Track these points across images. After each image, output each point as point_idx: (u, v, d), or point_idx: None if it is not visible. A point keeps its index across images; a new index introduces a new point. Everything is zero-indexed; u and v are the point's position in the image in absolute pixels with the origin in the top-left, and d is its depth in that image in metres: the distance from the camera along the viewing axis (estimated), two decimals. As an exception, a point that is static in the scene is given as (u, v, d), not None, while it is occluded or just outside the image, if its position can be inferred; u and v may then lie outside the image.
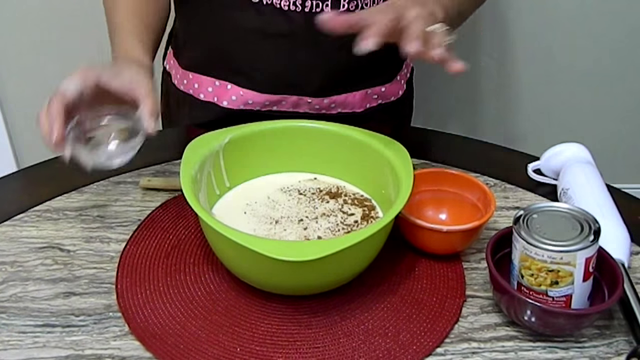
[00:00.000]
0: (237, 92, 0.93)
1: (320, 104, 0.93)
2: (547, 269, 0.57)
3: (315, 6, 0.83)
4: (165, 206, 0.77)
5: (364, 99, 0.96)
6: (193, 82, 0.96)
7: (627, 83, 1.61)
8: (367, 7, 0.85)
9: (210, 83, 0.94)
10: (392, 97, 1.00)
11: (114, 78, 0.68)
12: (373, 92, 0.96)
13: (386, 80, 0.98)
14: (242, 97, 0.93)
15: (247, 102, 0.93)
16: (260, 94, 0.92)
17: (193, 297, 0.64)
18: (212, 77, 0.94)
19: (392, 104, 1.00)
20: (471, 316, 0.63)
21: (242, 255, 0.60)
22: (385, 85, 0.97)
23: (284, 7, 0.84)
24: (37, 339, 0.59)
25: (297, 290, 0.63)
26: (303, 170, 0.77)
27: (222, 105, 0.94)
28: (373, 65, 0.92)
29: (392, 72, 0.98)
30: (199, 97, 0.96)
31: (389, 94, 0.99)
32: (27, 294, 0.65)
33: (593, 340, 0.60)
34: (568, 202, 0.73)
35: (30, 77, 1.50)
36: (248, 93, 0.92)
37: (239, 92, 0.93)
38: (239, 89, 0.93)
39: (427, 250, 0.69)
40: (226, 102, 0.94)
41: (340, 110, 0.95)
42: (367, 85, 0.95)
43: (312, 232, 0.68)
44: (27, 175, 0.86)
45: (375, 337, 0.60)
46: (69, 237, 0.72)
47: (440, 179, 0.73)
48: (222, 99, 0.94)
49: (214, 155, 0.71)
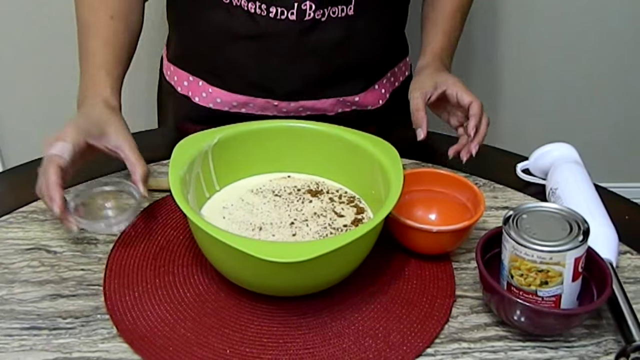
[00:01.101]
0: (207, 89, 0.93)
1: (287, 108, 0.92)
2: (537, 269, 0.57)
3: (280, 13, 0.83)
4: (153, 207, 0.76)
5: (336, 105, 0.94)
6: (173, 75, 0.98)
7: (616, 82, 1.62)
8: (333, 16, 0.84)
9: (185, 77, 0.96)
10: (369, 107, 0.96)
11: (100, 140, 0.73)
12: (345, 100, 0.94)
13: (360, 90, 0.94)
14: (210, 94, 0.93)
15: (215, 100, 0.93)
16: (228, 92, 0.92)
17: (182, 299, 0.63)
18: (187, 71, 0.95)
19: (371, 113, 0.97)
20: (461, 316, 0.63)
21: (231, 256, 0.59)
22: (359, 94, 0.94)
23: (251, 10, 0.84)
24: (24, 342, 0.59)
25: (287, 291, 0.63)
26: (292, 170, 0.77)
27: (194, 100, 0.95)
28: (344, 74, 0.91)
29: (367, 82, 0.95)
30: (177, 90, 0.97)
31: (364, 103, 0.96)
32: (13, 297, 0.64)
33: (582, 340, 0.60)
34: (557, 201, 0.73)
35: (17, 79, 1.49)
36: (216, 91, 0.93)
37: (208, 89, 0.93)
38: (209, 86, 0.93)
39: (416, 250, 0.69)
40: (197, 98, 0.95)
41: (310, 113, 0.94)
42: (337, 94, 0.93)
43: (300, 237, 0.67)
44: (13, 175, 0.86)
45: (365, 338, 0.60)
46: (55, 238, 0.72)
47: (429, 179, 0.74)
48: (194, 95, 0.95)
49: (202, 156, 0.70)
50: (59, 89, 1.51)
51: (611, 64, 1.60)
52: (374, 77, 0.96)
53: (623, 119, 1.69)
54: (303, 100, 0.91)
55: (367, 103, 0.96)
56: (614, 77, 1.61)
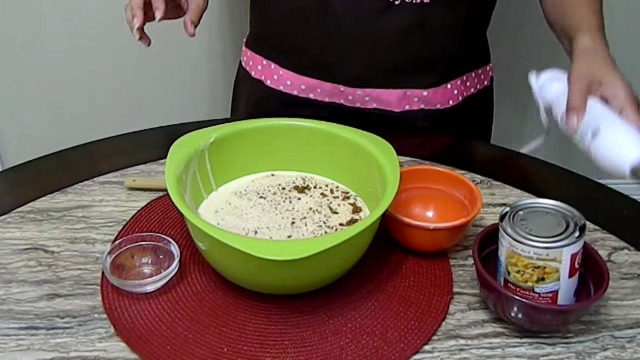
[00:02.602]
0: (278, 71, 0.95)
1: (353, 95, 0.91)
2: (533, 266, 0.57)
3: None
4: (150, 206, 0.76)
5: (402, 99, 0.91)
6: (249, 60, 1.00)
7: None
8: (407, 1, 0.82)
9: (259, 61, 0.98)
10: (437, 105, 0.92)
11: None
12: (413, 94, 0.91)
13: (430, 85, 0.91)
14: (282, 77, 0.95)
15: (285, 83, 0.95)
16: (298, 75, 0.93)
17: (179, 298, 0.63)
18: (261, 55, 0.97)
19: (439, 114, 0.93)
20: (458, 313, 0.63)
21: (228, 254, 0.59)
22: (428, 89, 0.91)
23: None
24: (21, 341, 0.59)
25: (284, 289, 0.63)
26: (289, 169, 0.77)
27: (266, 84, 0.97)
28: (414, 65, 0.89)
29: (438, 78, 0.91)
30: (252, 75, 0.99)
31: (432, 101, 0.92)
32: (10, 296, 0.64)
33: (579, 336, 0.61)
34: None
35: (15, 78, 1.49)
36: (287, 74, 0.94)
37: (280, 72, 0.95)
38: (280, 68, 0.95)
39: (414, 247, 0.69)
40: (269, 81, 0.96)
41: (376, 105, 0.92)
42: (405, 85, 0.90)
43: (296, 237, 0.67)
44: (11, 175, 0.85)
45: (362, 335, 0.60)
46: (53, 238, 0.72)
47: (426, 176, 0.74)
48: (267, 78, 0.97)
49: (199, 155, 0.70)
50: (59, 89, 1.51)
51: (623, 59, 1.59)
52: (447, 74, 0.92)
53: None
54: (369, 87, 0.90)
55: (436, 101, 0.92)
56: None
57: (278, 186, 0.75)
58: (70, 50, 1.45)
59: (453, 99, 0.94)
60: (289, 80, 0.94)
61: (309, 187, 0.74)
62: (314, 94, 0.94)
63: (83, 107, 1.53)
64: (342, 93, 0.92)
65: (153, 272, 0.66)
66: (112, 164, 0.84)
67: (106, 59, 1.47)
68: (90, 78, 1.49)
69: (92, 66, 1.47)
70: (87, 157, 0.88)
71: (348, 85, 0.91)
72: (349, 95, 0.92)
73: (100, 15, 1.41)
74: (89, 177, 0.82)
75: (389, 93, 0.90)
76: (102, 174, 0.82)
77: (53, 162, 0.86)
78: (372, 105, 0.92)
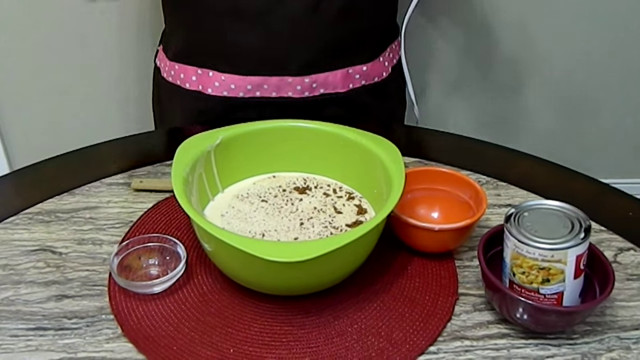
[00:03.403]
0: (219, 77, 0.94)
1: (301, 85, 0.92)
2: (539, 267, 0.57)
3: None
4: (157, 208, 0.77)
5: (346, 78, 0.95)
6: (179, 73, 0.98)
7: (622, 77, 1.62)
8: None
9: (193, 72, 0.96)
10: (375, 78, 0.99)
11: None
12: (355, 71, 0.95)
13: (368, 59, 0.96)
14: (224, 82, 0.93)
15: (229, 87, 0.94)
16: (241, 76, 0.92)
17: (186, 299, 0.64)
18: (195, 65, 0.95)
19: (377, 87, 1.00)
20: (464, 314, 0.63)
21: (234, 256, 0.60)
22: (366, 64, 0.96)
23: None
24: (30, 342, 0.59)
25: (290, 290, 0.63)
26: (293, 170, 0.77)
27: (207, 92, 0.95)
28: (353, 42, 0.93)
29: (373, 51, 0.98)
30: (185, 87, 0.97)
31: (371, 74, 0.98)
32: (19, 297, 0.64)
33: (585, 337, 0.61)
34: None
35: (23, 79, 1.49)
36: (229, 77, 0.93)
37: (221, 77, 0.93)
38: (220, 74, 0.93)
39: (419, 248, 0.69)
40: (210, 89, 0.95)
41: (323, 91, 0.94)
42: (347, 63, 0.94)
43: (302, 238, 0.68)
44: (19, 177, 0.86)
45: (368, 336, 0.60)
46: (60, 239, 0.72)
47: (431, 177, 0.74)
48: (206, 87, 0.95)
49: (205, 156, 0.71)
50: (66, 91, 1.51)
51: (615, 60, 1.59)
52: (378, 47, 0.98)
53: (627, 114, 1.69)
54: (315, 73, 0.92)
55: (374, 74, 0.98)
56: (623, 71, 1.61)
57: (279, 188, 0.75)
58: (76, 52, 1.45)
59: (385, 71, 1.01)
60: (233, 84, 0.93)
61: (310, 187, 0.75)
62: (261, 91, 0.94)
63: (90, 109, 1.54)
64: (289, 85, 0.93)
65: (160, 273, 0.67)
66: (119, 165, 0.85)
67: (112, 61, 1.48)
68: (96, 80, 1.50)
69: (98, 68, 1.48)
70: (94, 158, 0.88)
71: (295, 74, 0.92)
72: (297, 85, 0.93)
73: (105, 18, 1.42)
74: (96, 179, 0.82)
75: (334, 75, 0.94)
76: (109, 176, 0.83)
77: (60, 164, 0.86)
78: (319, 92, 0.95)
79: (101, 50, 1.46)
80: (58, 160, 0.87)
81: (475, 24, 1.53)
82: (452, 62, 1.58)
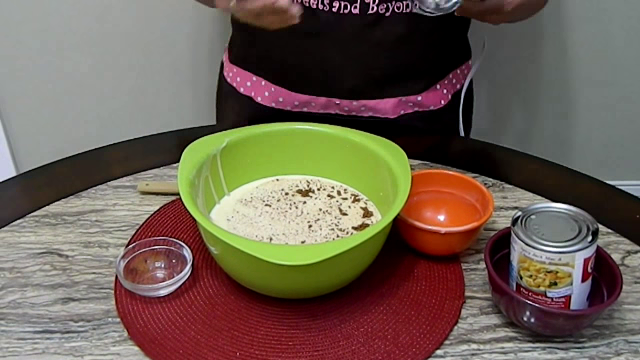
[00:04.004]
0: (270, 88, 0.95)
1: (349, 106, 0.92)
2: (546, 270, 0.57)
3: (344, 7, 0.83)
4: (163, 210, 0.77)
5: (397, 106, 0.93)
6: (236, 76, 0.99)
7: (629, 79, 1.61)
8: (397, 11, 0.83)
9: (249, 78, 0.97)
10: (431, 107, 0.95)
11: None
12: (408, 100, 0.93)
13: (422, 89, 0.93)
14: (273, 93, 0.94)
15: (277, 99, 0.94)
16: (290, 92, 0.93)
17: (192, 302, 0.64)
18: (250, 72, 0.96)
19: (432, 114, 0.96)
20: (470, 317, 0.63)
21: (240, 259, 0.59)
22: (421, 94, 0.93)
23: (313, 6, 0.83)
24: (36, 345, 0.59)
25: (296, 293, 0.63)
26: (298, 172, 0.77)
27: (257, 100, 0.96)
28: (406, 72, 0.90)
29: (429, 81, 0.94)
30: (239, 91, 0.98)
31: (426, 103, 0.94)
32: (25, 300, 0.64)
33: (592, 341, 0.60)
34: None
35: (29, 82, 1.50)
36: (279, 90, 0.94)
37: (271, 88, 0.94)
38: (272, 85, 0.94)
39: (425, 251, 0.69)
40: (260, 97, 0.96)
41: (372, 114, 0.93)
42: (400, 93, 0.92)
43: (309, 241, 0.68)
44: (25, 180, 0.86)
45: (374, 339, 0.60)
46: (67, 242, 0.72)
47: (438, 180, 0.73)
48: (257, 95, 0.96)
49: (211, 159, 0.71)
50: (73, 94, 1.52)
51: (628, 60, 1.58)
52: (436, 76, 0.95)
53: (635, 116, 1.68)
54: (365, 99, 0.91)
55: (429, 103, 0.95)
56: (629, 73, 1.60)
57: (281, 191, 0.75)
58: (83, 55, 1.46)
59: (444, 99, 0.97)
60: (281, 97, 0.94)
61: (312, 190, 0.75)
62: (308, 108, 0.94)
63: (96, 112, 1.54)
64: (337, 105, 0.92)
65: (166, 276, 0.67)
66: (125, 168, 0.85)
67: (119, 63, 1.48)
68: (103, 82, 1.50)
69: (106, 71, 1.48)
70: (101, 161, 0.88)
71: (343, 97, 0.91)
72: (345, 107, 0.92)
73: (113, 20, 1.42)
74: (102, 182, 0.82)
75: (384, 102, 0.92)
76: (116, 178, 0.83)
77: (67, 166, 0.87)
78: (368, 114, 0.93)
79: (107, 50, 1.46)
80: (64, 163, 0.87)
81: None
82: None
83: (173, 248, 0.67)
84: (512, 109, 1.66)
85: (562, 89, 1.63)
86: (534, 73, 1.61)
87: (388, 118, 0.93)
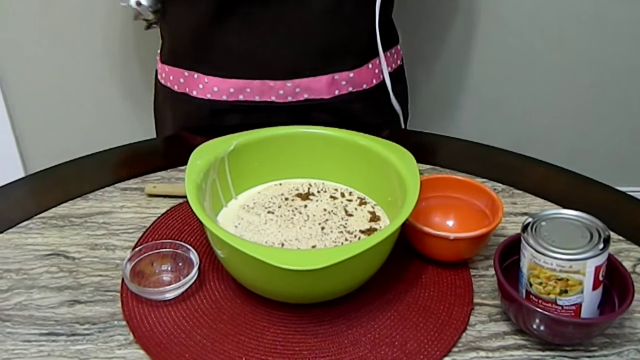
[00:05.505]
0: (203, 80, 0.94)
1: (284, 89, 0.92)
2: (556, 278, 0.56)
3: None
4: (170, 213, 0.77)
5: (331, 84, 0.93)
6: (169, 75, 0.99)
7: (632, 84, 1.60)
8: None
9: (180, 74, 0.96)
10: (363, 85, 0.96)
11: None
12: (340, 77, 0.94)
13: (354, 65, 0.94)
14: (207, 84, 0.94)
15: (212, 90, 0.94)
16: (224, 79, 0.92)
17: (198, 306, 0.64)
18: (181, 68, 0.96)
19: (366, 93, 0.97)
20: (479, 324, 0.62)
21: (247, 263, 0.59)
22: (353, 70, 0.94)
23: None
24: (42, 347, 0.59)
25: (303, 298, 0.63)
26: (305, 176, 0.77)
27: (192, 95, 0.96)
28: (338, 47, 0.92)
29: (361, 57, 0.95)
30: (174, 89, 0.98)
31: (358, 81, 0.95)
32: (32, 302, 0.64)
33: (603, 350, 0.59)
34: None
35: (38, 84, 1.51)
36: (212, 80, 0.93)
37: (204, 79, 0.94)
38: (204, 76, 0.94)
39: (434, 257, 0.68)
40: (195, 91, 0.95)
41: (307, 96, 0.93)
42: (332, 70, 0.93)
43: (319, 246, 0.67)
44: (33, 181, 0.86)
45: (381, 346, 0.59)
46: (74, 244, 0.72)
47: (446, 185, 0.73)
48: (191, 89, 0.96)
49: (219, 162, 0.70)
50: (81, 95, 1.52)
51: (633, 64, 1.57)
52: (366, 54, 0.96)
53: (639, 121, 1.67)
54: (299, 77, 0.91)
55: (362, 81, 0.96)
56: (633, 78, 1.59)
57: (281, 196, 0.74)
58: (93, 57, 1.46)
59: (375, 78, 0.98)
60: (216, 87, 0.93)
61: (313, 192, 0.74)
62: (244, 95, 0.93)
63: (105, 114, 1.54)
64: (271, 89, 0.92)
65: (172, 279, 0.66)
66: (132, 170, 0.85)
67: (129, 66, 1.48)
68: (112, 85, 1.51)
69: (114, 73, 1.49)
70: (108, 163, 0.88)
71: (277, 78, 0.91)
72: (280, 90, 0.92)
73: (119, 24, 1.42)
74: (109, 184, 0.82)
75: (318, 80, 0.92)
76: (123, 180, 0.83)
77: (74, 168, 0.87)
78: (303, 97, 0.93)
79: (117, 54, 1.46)
80: (72, 165, 0.87)
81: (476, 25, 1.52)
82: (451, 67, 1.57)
83: (180, 251, 0.67)
84: (515, 113, 1.65)
85: (570, 93, 1.62)
86: (544, 74, 1.60)
87: (324, 99, 0.94)
